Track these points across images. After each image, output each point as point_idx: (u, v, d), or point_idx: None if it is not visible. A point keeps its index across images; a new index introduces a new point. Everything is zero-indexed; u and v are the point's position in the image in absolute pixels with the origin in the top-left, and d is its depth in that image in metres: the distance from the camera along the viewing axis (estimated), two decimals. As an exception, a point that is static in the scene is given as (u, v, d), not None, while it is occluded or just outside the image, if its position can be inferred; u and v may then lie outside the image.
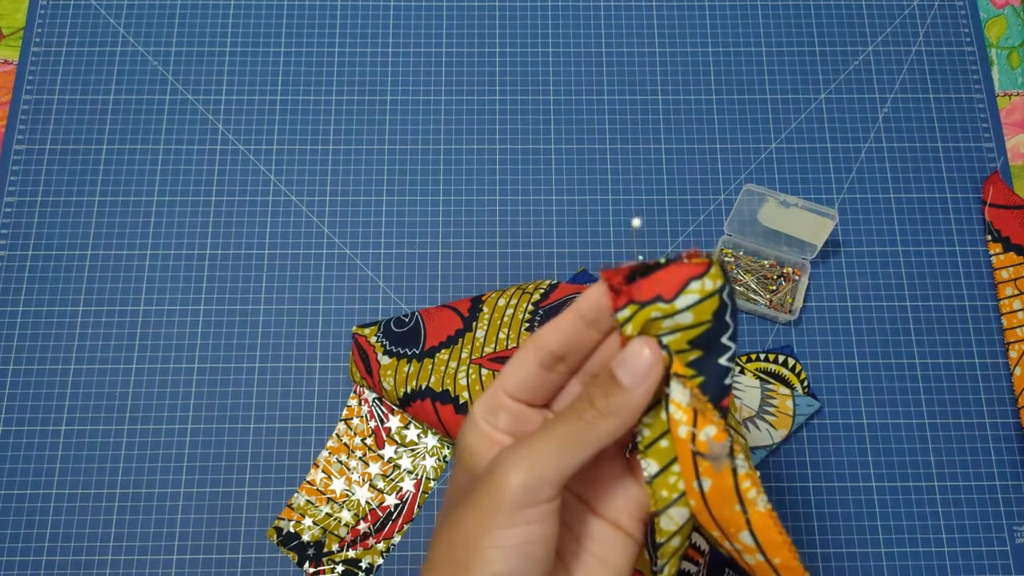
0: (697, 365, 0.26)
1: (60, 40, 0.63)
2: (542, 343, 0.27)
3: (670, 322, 0.25)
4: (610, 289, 0.26)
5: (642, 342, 0.25)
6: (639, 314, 0.25)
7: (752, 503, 0.25)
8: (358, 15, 0.64)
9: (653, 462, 0.26)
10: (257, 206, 0.59)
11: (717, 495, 0.25)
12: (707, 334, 0.25)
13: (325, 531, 0.51)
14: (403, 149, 0.60)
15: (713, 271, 0.25)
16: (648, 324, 0.25)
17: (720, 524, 0.26)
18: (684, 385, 0.25)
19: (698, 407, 0.25)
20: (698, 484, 0.25)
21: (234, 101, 0.61)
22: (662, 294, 0.25)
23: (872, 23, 0.64)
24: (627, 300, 0.25)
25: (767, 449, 0.52)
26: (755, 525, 0.25)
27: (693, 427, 0.25)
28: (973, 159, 0.60)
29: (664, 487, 0.26)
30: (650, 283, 0.25)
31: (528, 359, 0.28)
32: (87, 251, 0.57)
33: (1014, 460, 0.54)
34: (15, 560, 0.51)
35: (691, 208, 0.59)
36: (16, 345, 0.55)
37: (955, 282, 0.58)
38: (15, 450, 0.53)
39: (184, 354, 0.55)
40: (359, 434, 0.53)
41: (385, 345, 0.53)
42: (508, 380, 0.28)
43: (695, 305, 0.25)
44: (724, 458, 0.25)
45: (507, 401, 0.28)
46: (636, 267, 0.26)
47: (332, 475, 0.52)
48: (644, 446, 0.26)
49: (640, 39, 0.64)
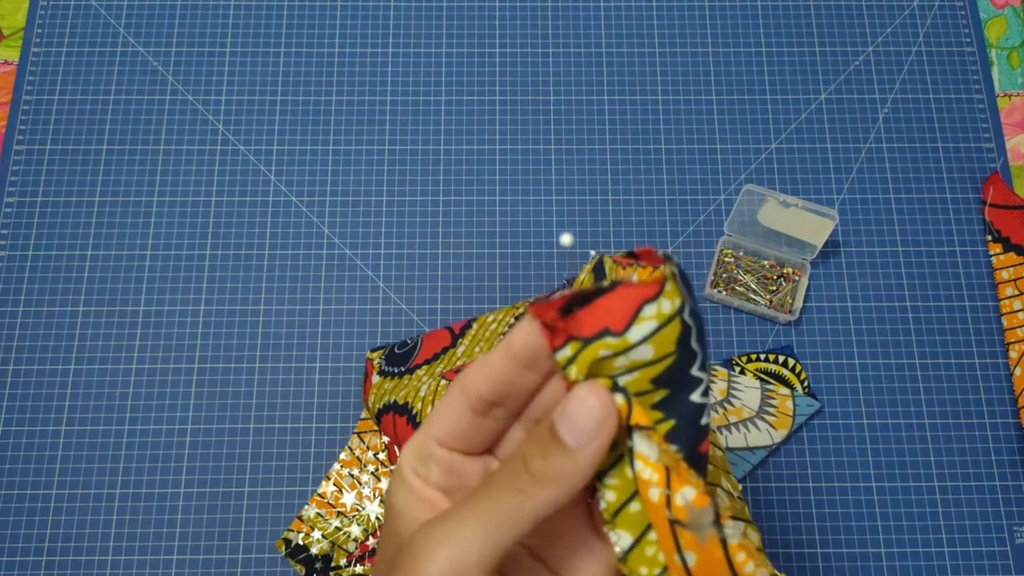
0: (664, 406, 0.21)
1: (60, 40, 0.63)
2: (470, 387, 0.23)
3: (624, 359, 0.20)
4: (543, 327, 0.21)
5: (589, 389, 0.20)
6: (583, 353, 0.20)
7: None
8: (358, 15, 0.64)
9: (624, 533, 0.21)
10: (257, 206, 0.59)
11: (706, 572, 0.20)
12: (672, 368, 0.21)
13: (334, 545, 0.51)
14: (403, 149, 0.60)
15: (668, 288, 0.20)
16: (597, 364, 0.21)
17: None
18: (650, 438, 0.20)
19: (670, 464, 0.20)
20: (680, 558, 0.20)
21: (234, 101, 0.61)
22: (610, 326, 0.20)
23: (872, 23, 0.64)
24: (566, 337, 0.21)
25: (767, 449, 0.52)
26: None
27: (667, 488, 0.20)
28: (973, 159, 0.60)
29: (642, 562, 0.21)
30: (592, 314, 0.20)
31: (457, 404, 0.23)
32: (87, 251, 0.57)
33: (1014, 460, 0.54)
34: (15, 560, 0.51)
35: (691, 208, 0.59)
36: (16, 345, 0.55)
37: (955, 282, 0.58)
38: (15, 450, 0.53)
39: (184, 354, 0.55)
40: (372, 448, 0.53)
41: (381, 366, 0.53)
42: (437, 427, 0.23)
43: (653, 335, 0.20)
44: (708, 527, 0.20)
45: (438, 450, 0.23)
46: (572, 296, 0.21)
47: (343, 488, 0.52)
48: (610, 514, 0.21)
49: (640, 39, 0.64)
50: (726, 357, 0.55)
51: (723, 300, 0.56)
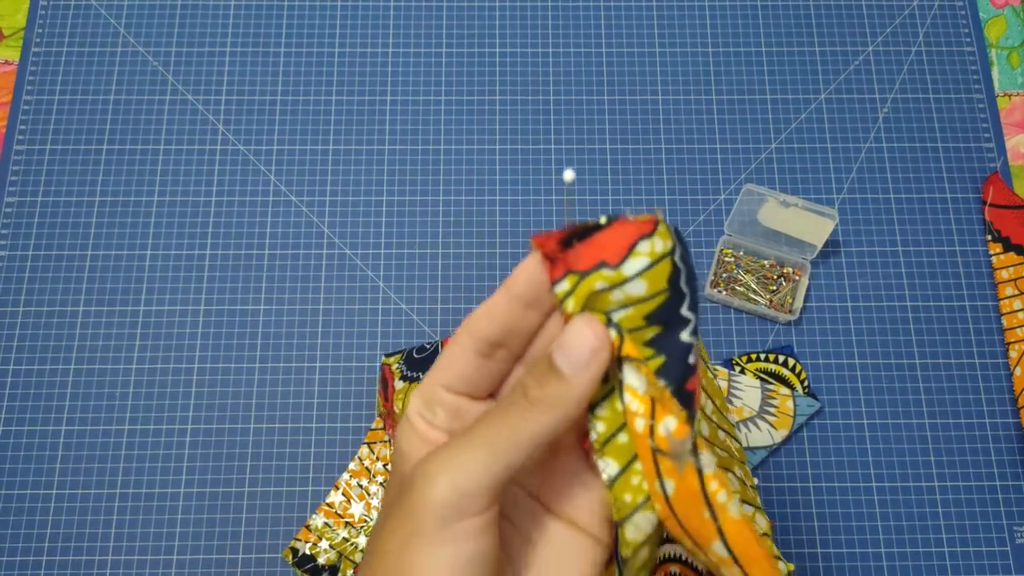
0: (656, 343, 0.22)
1: (60, 40, 0.63)
2: (475, 330, 0.24)
3: (620, 294, 0.21)
4: (544, 258, 0.22)
5: (584, 321, 0.22)
6: (580, 285, 0.21)
7: (723, 508, 0.21)
8: (358, 15, 0.64)
9: (612, 461, 0.22)
10: (257, 206, 0.59)
11: (683, 500, 0.21)
12: (664, 306, 0.21)
13: (341, 555, 0.51)
14: (403, 149, 0.60)
15: (661, 229, 0.21)
16: (593, 298, 0.22)
17: (690, 534, 0.22)
18: (639, 370, 0.21)
19: (656, 395, 0.21)
20: (661, 486, 0.22)
21: (234, 101, 0.61)
22: (606, 259, 0.21)
23: (872, 23, 0.64)
24: (565, 270, 0.22)
25: (767, 449, 0.52)
26: (728, 535, 0.21)
27: (651, 419, 0.21)
28: (973, 159, 0.60)
29: (627, 490, 0.22)
30: (590, 247, 0.21)
31: (463, 348, 0.24)
32: (87, 251, 0.57)
33: (1014, 460, 0.54)
34: (15, 560, 0.51)
35: (691, 208, 0.59)
36: (16, 345, 0.55)
37: (955, 282, 0.58)
38: (15, 450, 0.53)
39: (184, 354, 0.55)
40: (381, 459, 0.53)
41: (403, 371, 0.53)
42: (443, 372, 0.24)
43: (646, 271, 0.21)
44: (686, 456, 0.21)
45: (444, 395, 0.24)
46: (572, 229, 0.22)
47: (352, 499, 0.52)
48: (600, 443, 0.23)
49: (640, 39, 0.64)
50: (726, 357, 0.55)
51: (723, 300, 0.56)
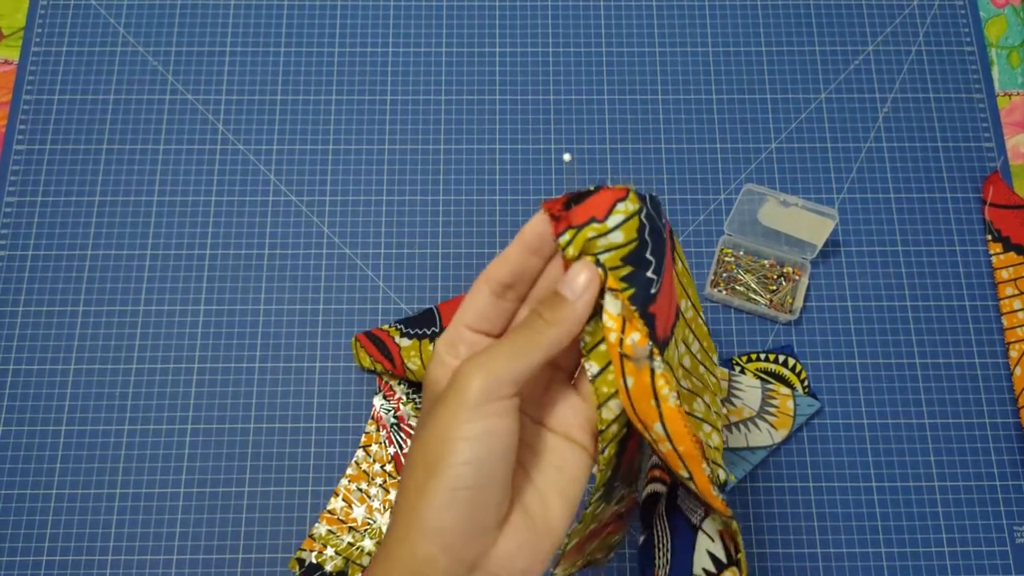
0: (629, 279, 0.29)
1: (60, 40, 0.63)
2: (492, 275, 0.31)
3: (604, 241, 0.29)
4: (551, 217, 0.30)
5: (581, 263, 0.29)
6: (578, 236, 0.29)
7: (664, 399, 0.29)
8: (358, 15, 0.64)
9: (594, 363, 0.30)
10: (257, 206, 0.59)
11: (638, 391, 0.29)
12: (635, 251, 0.30)
13: (348, 561, 0.50)
14: (403, 149, 0.60)
15: (631, 195, 0.30)
16: (587, 244, 0.29)
17: (640, 417, 0.30)
18: (616, 297, 0.29)
19: (626, 316, 0.29)
20: (623, 381, 0.29)
21: (234, 101, 0.61)
22: (595, 215, 0.29)
23: (872, 23, 0.64)
24: (566, 225, 0.29)
25: (767, 449, 0.52)
26: (665, 417, 0.29)
27: (621, 333, 0.29)
28: (973, 159, 0.60)
29: (604, 384, 0.30)
30: (584, 208, 0.29)
31: (482, 291, 0.31)
32: (87, 251, 0.57)
33: (1014, 460, 0.54)
34: (15, 560, 0.51)
35: (691, 208, 0.59)
36: (16, 345, 0.55)
37: (955, 282, 0.57)
38: (15, 450, 0.53)
39: (184, 354, 0.55)
40: (378, 460, 0.53)
41: (401, 329, 0.53)
42: (467, 314, 0.31)
43: (623, 224, 0.29)
44: (644, 360, 0.29)
45: (467, 334, 0.31)
46: (571, 195, 0.29)
47: (352, 503, 0.52)
48: (587, 350, 0.30)
49: (640, 39, 0.64)
50: (726, 357, 0.55)
51: (723, 300, 0.56)
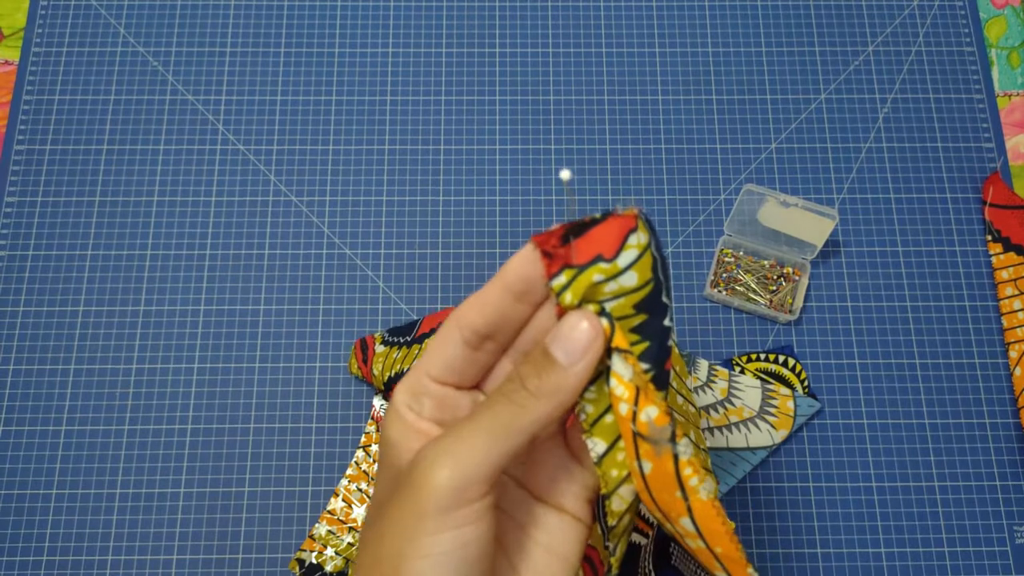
0: (641, 330, 0.23)
1: (60, 40, 0.63)
2: (465, 322, 0.25)
3: (614, 285, 0.23)
4: (543, 255, 0.23)
5: (580, 314, 0.23)
6: (579, 279, 0.22)
7: (694, 491, 0.23)
8: (358, 15, 0.64)
9: (600, 440, 0.24)
10: (257, 206, 0.59)
11: (658, 479, 0.23)
12: (651, 294, 0.23)
13: (348, 561, 0.50)
14: (403, 149, 0.60)
15: (640, 223, 0.23)
16: (589, 290, 0.23)
17: (661, 508, 0.24)
18: (626, 360, 0.23)
19: (640, 384, 0.23)
20: (639, 464, 0.23)
21: (234, 101, 0.61)
22: (603, 253, 0.22)
23: (872, 23, 0.64)
24: (562, 265, 0.23)
25: (767, 449, 0.52)
26: (696, 513, 0.23)
27: (634, 406, 0.23)
28: (973, 159, 0.60)
29: (613, 466, 0.24)
30: (587, 243, 0.22)
31: (452, 339, 0.25)
32: (87, 251, 0.57)
33: (1014, 460, 0.54)
34: (15, 560, 0.51)
35: (691, 208, 0.59)
36: (16, 345, 0.55)
37: (955, 282, 0.58)
38: (15, 450, 0.53)
39: (184, 354, 0.55)
40: (378, 461, 0.52)
41: (384, 336, 0.54)
42: (431, 363, 0.25)
43: (636, 262, 0.23)
44: (665, 443, 0.23)
45: (431, 385, 0.25)
46: (570, 226, 0.23)
47: (352, 503, 0.52)
48: (589, 424, 0.24)
49: (640, 39, 0.64)
50: (726, 357, 0.55)
51: (723, 300, 0.56)
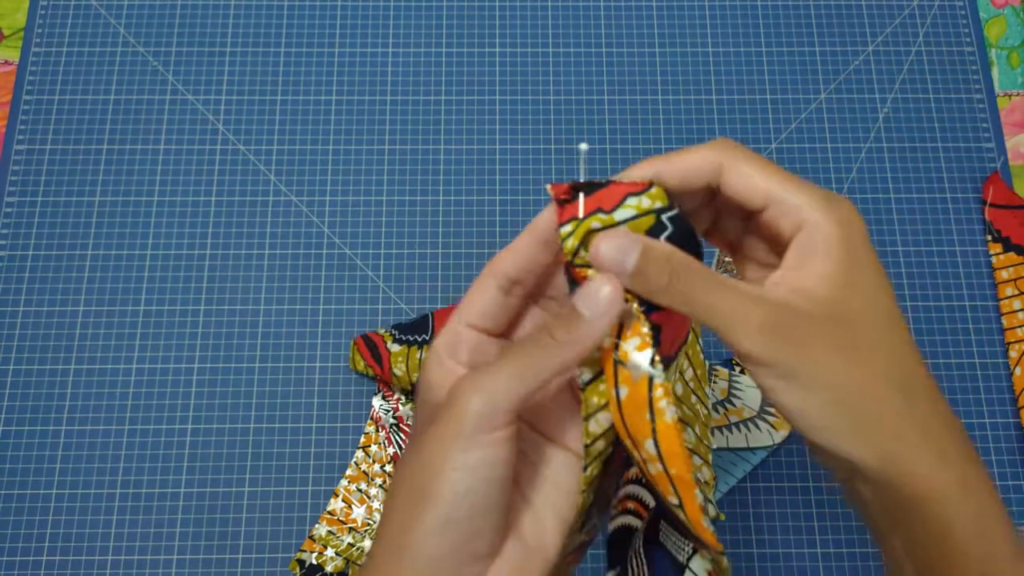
0: None
1: (60, 40, 0.63)
2: (499, 268, 0.29)
3: None
4: (556, 203, 0.27)
5: (604, 278, 0.26)
6: (581, 225, 0.27)
7: (661, 412, 0.26)
8: (358, 15, 0.64)
9: (587, 370, 0.27)
10: (257, 206, 0.59)
11: (631, 403, 0.26)
12: None
13: (348, 561, 0.50)
14: (403, 149, 0.60)
15: (654, 191, 0.27)
16: (589, 236, 0.26)
17: (631, 432, 0.27)
18: None
19: (624, 319, 0.26)
20: (615, 391, 0.27)
21: (234, 101, 0.61)
22: (602, 207, 0.27)
23: (872, 23, 0.64)
24: (570, 216, 0.27)
25: (767, 449, 0.52)
26: (660, 434, 0.26)
27: (617, 338, 0.26)
28: (973, 159, 0.60)
29: (595, 394, 0.28)
30: (592, 200, 0.27)
31: (487, 286, 0.29)
32: (87, 251, 0.57)
33: (1014, 460, 0.54)
34: (15, 560, 0.51)
35: (691, 208, 0.59)
36: (16, 345, 0.55)
37: (955, 282, 0.58)
38: (15, 450, 0.53)
39: (184, 354, 0.55)
40: (378, 461, 0.53)
41: (394, 335, 0.53)
42: (469, 310, 0.29)
43: (631, 220, 0.26)
44: (643, 368, 0.26)
45: (467, 333, 0.29)
46: (581, 184, 0.27)
47: (352, 504, 0.52)
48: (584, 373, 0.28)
49: (640, 39, 0.64)
50: (727, 357, 0.55)
51: (723, 300, 0.56)
